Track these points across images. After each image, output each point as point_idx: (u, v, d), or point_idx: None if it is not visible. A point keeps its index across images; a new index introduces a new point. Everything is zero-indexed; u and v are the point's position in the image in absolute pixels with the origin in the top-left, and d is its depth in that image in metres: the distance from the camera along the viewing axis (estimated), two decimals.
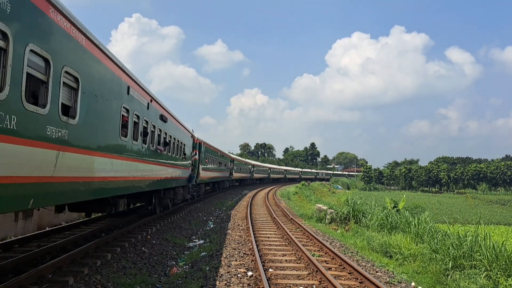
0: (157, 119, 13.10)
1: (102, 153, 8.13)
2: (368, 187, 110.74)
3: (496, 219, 39.15)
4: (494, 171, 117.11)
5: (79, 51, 6.94)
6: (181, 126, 18.26)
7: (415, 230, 13.87)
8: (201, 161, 24.75)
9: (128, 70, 9.86)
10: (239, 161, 53.31)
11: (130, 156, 10.15)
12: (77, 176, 7.09)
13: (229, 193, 40.33)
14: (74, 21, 6.59)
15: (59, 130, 6.15)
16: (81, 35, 6.93)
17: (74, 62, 6.68)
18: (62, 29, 6.21)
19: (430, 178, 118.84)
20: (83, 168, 7.37)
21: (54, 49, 5.95)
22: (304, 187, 57.96)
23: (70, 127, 6.55)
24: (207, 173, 28.12)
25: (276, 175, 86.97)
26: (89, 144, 7.48)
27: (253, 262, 10.19)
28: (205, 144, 27.01)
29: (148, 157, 12.08)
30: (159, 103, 13.58)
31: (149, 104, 11.99)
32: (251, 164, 65.39)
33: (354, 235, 16.23)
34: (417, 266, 11.09)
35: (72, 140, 6.64)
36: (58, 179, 6.36)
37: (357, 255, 12.37)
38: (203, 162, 25.77)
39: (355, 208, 19.75)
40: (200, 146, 24.71)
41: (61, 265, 8.28)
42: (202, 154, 25.36)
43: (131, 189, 10.89)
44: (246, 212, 22.06)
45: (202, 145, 25.58)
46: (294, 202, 35.75)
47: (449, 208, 47.94)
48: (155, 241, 12.57)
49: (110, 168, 8.67)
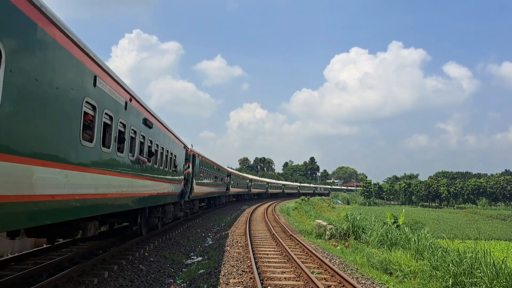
0: (139, 123, 11.06)
1: (47, 162, 5.99)
2: (368, 202, 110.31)
3: (496, 235, 38.94)
4: (493, 186, 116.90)
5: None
6: (171, 134, 16.25)
7: (415, 246, 13.80)
8: (195, 175, 22.97)
9: (96, 56, 7.74)
10: (236, 175, 51.10)
11: (97, 167, 8.01)
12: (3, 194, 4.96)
13: (227, 209, 40.11)
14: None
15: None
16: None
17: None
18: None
19: (430, 193, 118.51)
20: (13, 183, 5.16)
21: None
22: (303, 202, 57.72)
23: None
24: (202, 188, 26.18)
25: (274, 190, 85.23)
26: (23, 147, 5.37)
27: (252, 280, 10.08)
28: (200, 156, 25.36)
29: (126, 170, 9.97)
30: (142, 104, 11.42)
31: (127, 103, 9.86)
32: (249, 178, 63.10)
33: (354, 251, 16.11)
34: (418, 284, 10.99)
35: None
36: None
37: (357, 272, 12.25)
38: (198, 176, 23.98)
39: (355, 224, 19.66)
40: (194, 159, 22.92)
41: (58, 283, 8.19)
42: (196, 167, 23.56)
43: (103, 209, 8.79)
44: (245, 228, 21.92)
45: (197, 157, 23.92)
46: (294, 217, 35.57)
47: (449, 223, 47.72)
48: (152, 258, 12.46)
49: (64, 182, 6.52)
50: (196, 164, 22.95)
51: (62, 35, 6.29)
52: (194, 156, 22.94)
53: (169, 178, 15.84)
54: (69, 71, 6.61)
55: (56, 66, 6.15)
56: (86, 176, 7.47)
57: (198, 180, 24.13)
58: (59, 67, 6.24)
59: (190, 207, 24.22)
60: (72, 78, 6.71)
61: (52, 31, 5.99)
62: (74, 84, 6.77)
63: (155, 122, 12.92)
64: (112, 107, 8.76)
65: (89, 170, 7.55)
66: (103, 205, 8.66)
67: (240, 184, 52.49)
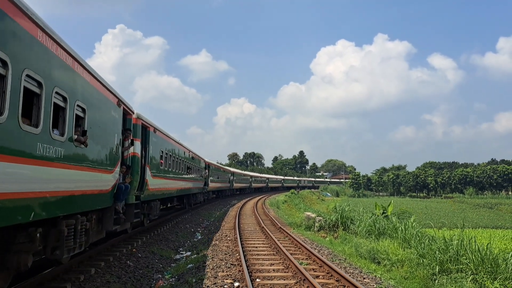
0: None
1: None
2: (357, 193, 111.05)
3: (483, 223, 39.50)
4: (480, 175, 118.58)
5: None
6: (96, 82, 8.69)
7: (402, 235, 13.92)
8: (149, 160, 14.06)
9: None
10: (217, 167, 42.59)
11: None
12: None
13: (217, 204, 40.09)
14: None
15: None
16: None
17: None
18: None
19: (418, 183, 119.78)
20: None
21: None
22: (293, 196, 57.93)
23: None
24: (165, 182, 17.43)
25: (259, 184, 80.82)
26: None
27: (240, 273, 10.08)
28: (158, 132, 15.61)
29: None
30: None
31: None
32: (231, 172, 55.06)
33: (343, 242, 16.21)
34: (405, 272, 11.09)
35: None
36: None
37: (345, 262, 12.33)
38: (153, 163, 14.81)
39: (343, 215, 19.77)
40: (146, 134, 13.83)
41: (43, 281, 8.09)
42: (151, 148, 14.27)
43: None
44: (234, 222, 21.92)
45: (151, 132, 14.36)
46: (283, 210, 35.69)
47: (437, 212, 48.31)
48: (140, 254, 12.38)
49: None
50: (150, 143, 14.12)
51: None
52: (145, 129, 13.73)
53: (92, 164, 8.27)
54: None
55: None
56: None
57: (155, 171, 15.09)
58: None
59: (145, 211, 14.99)
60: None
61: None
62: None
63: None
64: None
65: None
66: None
67: (222, 178, 45.29)
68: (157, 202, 17.15)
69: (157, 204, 17.25)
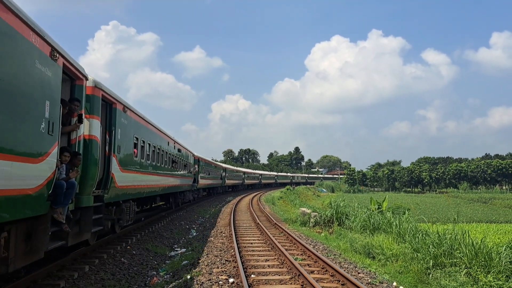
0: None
1: None
2: (352, 189, 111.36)
3: (477, 217, 39.70)
4: (474, 170, 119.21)
5: None
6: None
7: (397, 230, 13.97)
8: (117, 148, 10.84)
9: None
10: (208, 162, 39.19)
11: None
12: None
13: (212, 201, 40.07)
14: None
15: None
16: None
17: None
18: None
19: (413, 178, 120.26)
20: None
21: None
22: (289, 192, 58.06)
23: None
24: (140, 177, 13.76)
25: (252, 181, 78.90)
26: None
27: (235, 269, 10.08)
28: (129, 110, 12.01)
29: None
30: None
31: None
32: (223, 168, 51.91)
33: (338, 237, 16.25)
34: (399, 266, 11.14)
35: None
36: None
37: (340, 257, 12.36)
38: (124, 152, 11.58)
39: (338, 210, 19.82)
40: (110, 110, 10.61)
41: (36, 279, 8.04)
42: (119, 130, 10.94)
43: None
44: (229, 218, 21.92)
45: (118, 109, 10.92)
46: (279, 207, 35.73)
47: (432, 207, 48.55)
48: (135, 251, 12.34)
49: None
50: (117, 125, 10.78)
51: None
52: (110, 105, 10.61)
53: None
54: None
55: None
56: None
57: (128, 162, 11.96)
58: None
59: (113, 216, 11.54)
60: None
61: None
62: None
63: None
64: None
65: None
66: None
67: (213, 174, 42.18)
68: (131, 203, 13.42)
69: (131, 206, 13.47)
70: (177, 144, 22.25)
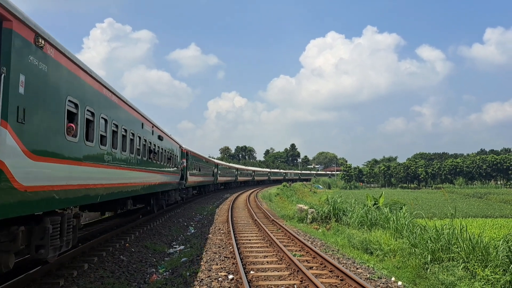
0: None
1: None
2: (348, 185, 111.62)
3: (473, 212, 39.88)
4: (470, 165, 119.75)
5: None
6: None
7: (394, 225, 14.03)
8: (20, 115, 5.69)
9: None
10: (198, 157, 34.53)
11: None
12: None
13: (209, 198, 40.06)
14: None
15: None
16: None
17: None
18: None
19: (409, 174, 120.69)
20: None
21: None
22: (285, 188, 58.06)
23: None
24: (86, 170, 8.58)
25: (244, 178, 76.83)
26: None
27: (234, 265, 10.11)
28: (67, 60, 7.55)
29: None
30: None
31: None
32: (215, 164, 47.71)
33: (335, 233, 16.31)
34: (397, 261, 11.20)
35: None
36: None
37: (338, 253, 12.42)
38: (39, 123, 6.41)
39: (336, 206, 19.88)
40: (2, 37, 5.39)
41: (36, 278, 8.03)
42: (20, 75, 5.70)
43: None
44: (227, 215, 21.95)
45: (19, 37, 5.68)
46: (276, 203, 35.78)
47: (428, 203, 48.71)
48: (134, 249, 12.35)
49: None
50: (11, 59, 5.48)
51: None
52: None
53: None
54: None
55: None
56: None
57: (51, 143, 6.87)
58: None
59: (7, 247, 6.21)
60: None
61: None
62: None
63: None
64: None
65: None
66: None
67: (204, 170, 37.71)
68: (66, 215, 7.91)
69: (70, 219, 8.20)
70: (157, 129, 16.94)
